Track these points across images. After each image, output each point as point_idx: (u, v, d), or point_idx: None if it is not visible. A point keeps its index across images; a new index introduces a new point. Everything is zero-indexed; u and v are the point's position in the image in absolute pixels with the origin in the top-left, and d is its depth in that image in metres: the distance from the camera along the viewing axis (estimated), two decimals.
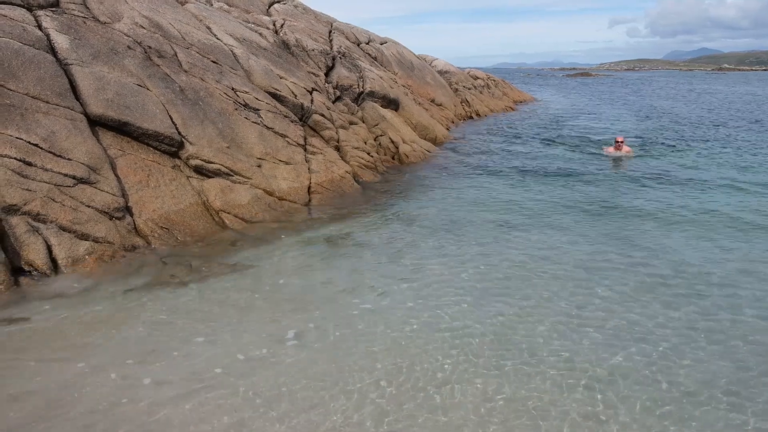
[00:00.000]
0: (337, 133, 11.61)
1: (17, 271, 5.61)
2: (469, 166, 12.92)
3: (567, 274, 6.35)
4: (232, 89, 9.70)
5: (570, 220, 8.66)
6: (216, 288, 5.84)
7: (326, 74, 13.85)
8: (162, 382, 4.17)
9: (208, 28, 11.43)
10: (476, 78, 29.20)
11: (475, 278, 6.22)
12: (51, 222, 5.97)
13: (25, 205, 5.86)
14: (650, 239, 7.67)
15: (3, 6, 7.60)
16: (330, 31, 16.98)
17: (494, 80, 31.39)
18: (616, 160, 13.76)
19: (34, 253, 5.71)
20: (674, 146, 16.05)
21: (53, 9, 8.27)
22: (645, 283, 6.12)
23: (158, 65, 8.79)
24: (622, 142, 14.33)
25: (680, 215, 8.91)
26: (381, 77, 15.51)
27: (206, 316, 5.23)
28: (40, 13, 8.01)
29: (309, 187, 9.49)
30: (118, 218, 6.57)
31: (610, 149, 14.50)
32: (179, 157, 7.98)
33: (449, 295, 5.76)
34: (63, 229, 6.02)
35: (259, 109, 9.83)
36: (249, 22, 13.56)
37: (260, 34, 12.97)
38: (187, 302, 5.49)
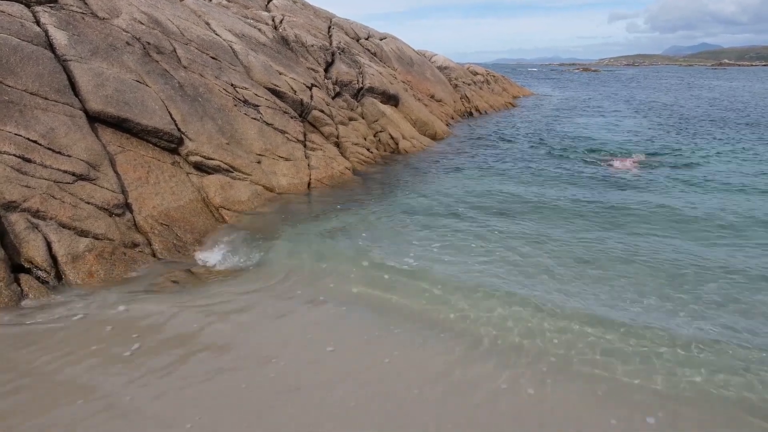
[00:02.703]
0: (336, 129, 11.59)
1: (17, 268, 5.60)
2: (469, 162, 12.89)
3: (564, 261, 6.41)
4: (232, 85, 9.67)
5: (566, 209, 8.81)
6: (220, 287, 5.83)
7: (325, 70, 13.82)
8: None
9: (207, 23, 11.40)
10: (476, 73, 29.13)
11: (479, 271, 6.24)
12: (50, 219, 5.95)
13: (24, 201, 5.84)
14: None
15: (1, 2, 7.57)
16: (329, 27, 16.93)
17: (494, 76, 31.32)
18: (620, 167, 12.32)
19: (33, 249, 5.70)
20: (682, 148, 15.05)
21: (51, 5, 8.24)
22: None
23: (157, 61, 8.76)
24: (630, 161, 12.69)
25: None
26: (380, 73, 15.48)
27: (210, 319, 5.22)
28: (38, 8, 7.98)
29: (309, 183, 9.48)
30: (118, 215, 6.55)
31: (614, 162, 12.87)
32: (179, 154, 7.96)
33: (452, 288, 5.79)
34: (63, 225, 6.00)
35: (258, 105, 9.81)
36: (248, 18, 13.53)
37: (259, 30, 12.93)
38: (189, 303, 5.49)
